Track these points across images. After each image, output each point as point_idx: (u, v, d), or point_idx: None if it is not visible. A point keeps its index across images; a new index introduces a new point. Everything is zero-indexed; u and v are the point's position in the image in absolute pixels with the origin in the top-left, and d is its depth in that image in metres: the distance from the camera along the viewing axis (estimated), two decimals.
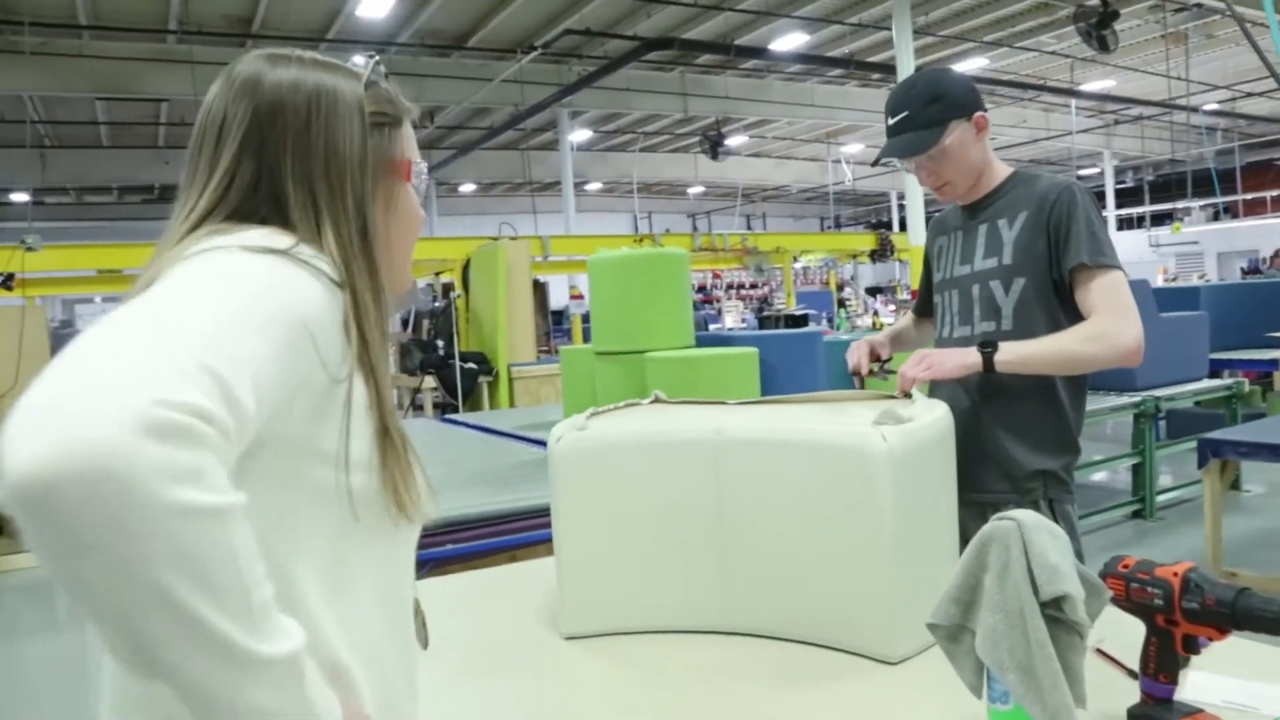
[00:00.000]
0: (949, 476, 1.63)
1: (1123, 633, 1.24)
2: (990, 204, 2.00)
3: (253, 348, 0.68)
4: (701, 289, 23.32)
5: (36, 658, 3.12)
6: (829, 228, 29.70)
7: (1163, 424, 6.28)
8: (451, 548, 3.04)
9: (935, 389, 1.94)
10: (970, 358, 1.81)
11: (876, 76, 14.80)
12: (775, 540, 1.57)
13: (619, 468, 1.67)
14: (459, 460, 4.17)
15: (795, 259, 14.16)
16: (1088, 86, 16.97)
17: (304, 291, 0.76)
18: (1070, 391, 1.94)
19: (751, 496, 1.59)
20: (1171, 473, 6.55)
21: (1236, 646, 1.30)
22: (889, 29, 11.10)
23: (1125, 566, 1.11)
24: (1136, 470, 5.80)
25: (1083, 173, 24.45)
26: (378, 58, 0.94)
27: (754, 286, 21.95)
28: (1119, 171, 25.04)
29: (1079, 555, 1.88)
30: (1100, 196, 23.22)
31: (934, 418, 1.59)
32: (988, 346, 1.80)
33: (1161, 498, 5.90)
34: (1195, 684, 1.20)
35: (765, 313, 10.88)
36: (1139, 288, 5.74)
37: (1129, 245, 25.08)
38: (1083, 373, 1.91)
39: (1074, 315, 1.87)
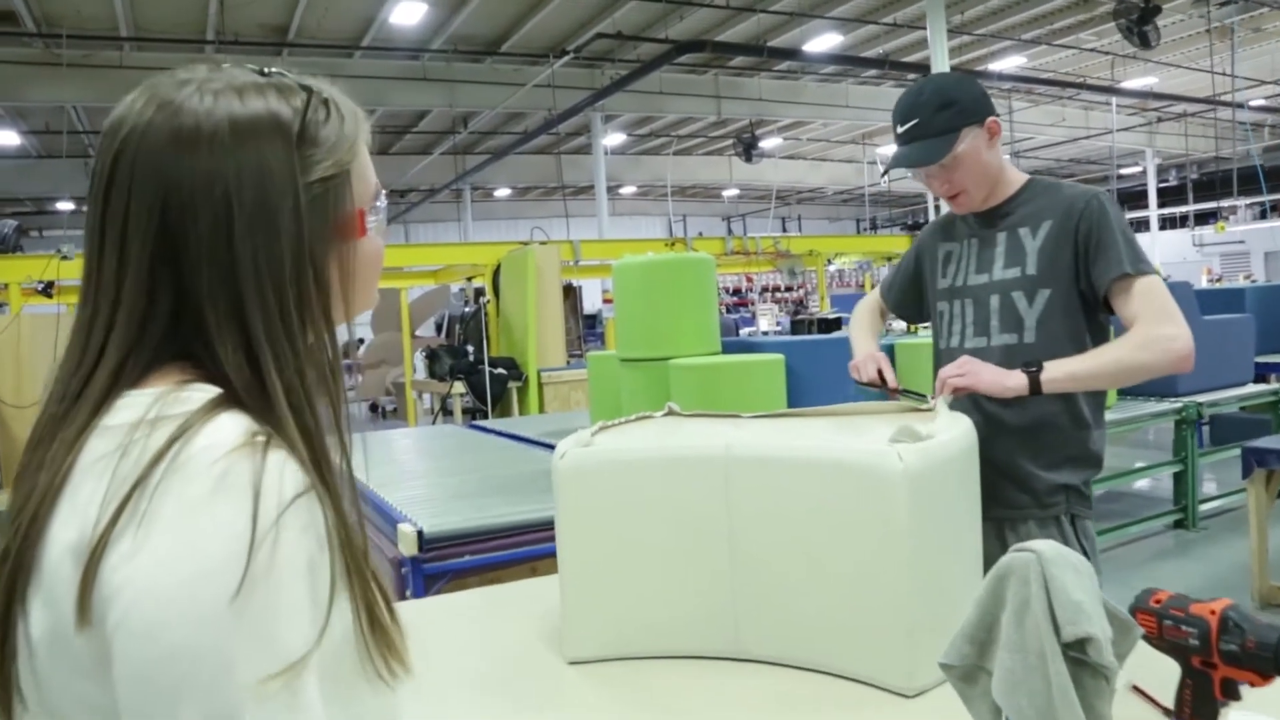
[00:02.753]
0: (972, 497, 1.54)
1: (1160, 669, 1.15)
2: (1008, 212, 1.91)
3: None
4: (736, 292, 23.20)
5: None
6: (865, 230, 29.42)
7: (1206, 430, 6.10)
8: (470, 559, 2.99)
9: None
10: (1012, 380, 1.72)
11: (912, 77, 14.58)
12: (787, 563, 1.49)
13: (626, 485, 1.60)
14: (483, 467, 4.13)
15: (829, 262, 14.01)
16: (1129, 84, 16.62)
17: (306, 520, 0.65)
18: (1091, 403, 1.86)
19: (763, 517, 1.51)
20: (1215, 481, 6.34)
21: None
22: (924, 28, 10.94)
23: (1157, 601, 1.02)
24: (1178, 479, 5.63)
25: (1124, 171, 23.99)
26: (309, 87, 0.74)
27: (789, 290, 21.77)
28: (1161, 170, 24.51)
29: (1098, 571, 1.80)
30: (1142, 196, 22.78)
31: (955, 435, 1.50)
32: (1032, 366, 1.72)
33: (1204, 507, 5.71)
34: None
35: (799, 316, 10.76)
36: (1180, 290, 5.58)
37: (1172, 245, 24.58)
38: (1135, 383, 1.83)
39: (1097, 328, 1.80)
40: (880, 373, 1.96)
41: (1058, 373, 1.71)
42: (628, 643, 1.60)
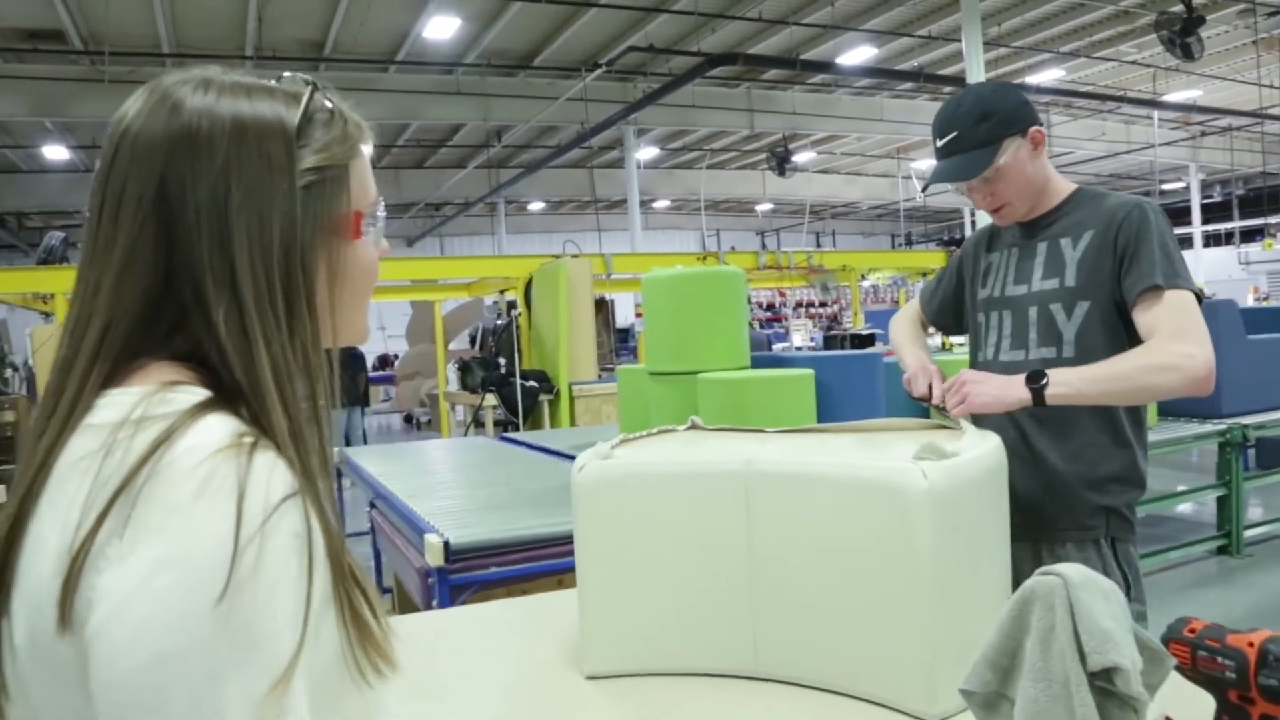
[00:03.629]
0: (1000, 517, 1.50)
1: (1196, 703, 1.10)
2: (1051, 222, 1.85)
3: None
4: (770, 307, 23.09)
5: None
6: (900, 245, 29.19)
7: (1251, 453, 5.94)
8: (496, 570, 2.98)
9: (981, 415, 1.81)
10: (1013, 393, 1.64)
11: (948, 90, 14.49)
12: (808, 582, 1.46)
13: (645, 499, 1.57)
14: (511, 480, 4.12)
15: (863, 277, 13.91)
16: (1171, 97, 16.37)
17: (292, 524, 0.64)
18: (1132, 419, 1.79)
19: (784, 534, 1.48)
20: (1261, 506, 6.18)
21: None
22: (959, 41, 10.85)
23: (1192, 631, 0.98)
24: (1222, 503, 5.48)
25: (1166, 187, 23.60)
26: (315, 83, 0.76)
27: (823, 305, 21.64)
28: (1206, 186, 24.08)
29: (1141, 600, 1.73)
30: (1185, 212, 22.36)
31: (983, 452, 1.46)
32: (1037, 379, 1.64)
33: (1249, 533, 5.56)
34: None
35: (832, 332, 10.68)
36: (1225, 308, 5.45)
37: (1217, 263, 24.11)
38: (1147, 402, 1.75)
39: (1139, 344, 1.72)
40: (931, 387, 1.85)
41: (1063, 388, 1.63)
42: (646, 659, 1.57)
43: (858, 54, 13.15)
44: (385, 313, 17.71)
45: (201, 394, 0.67)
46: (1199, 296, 1.69)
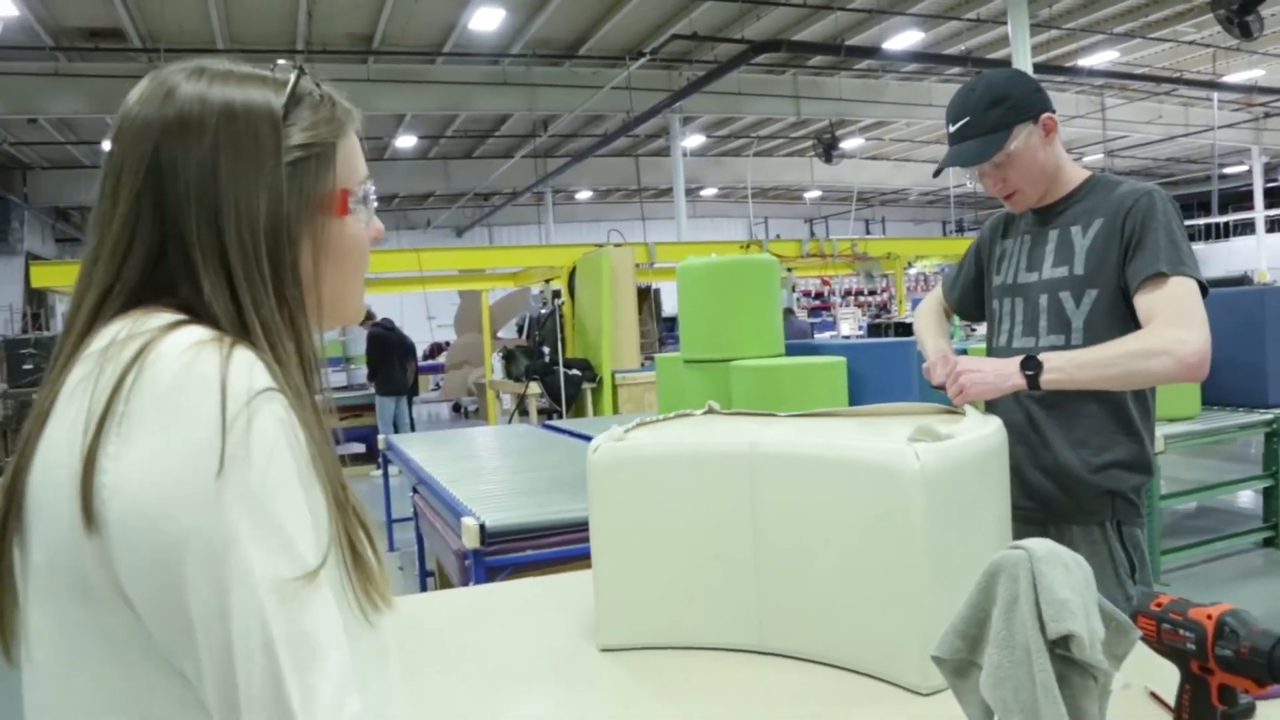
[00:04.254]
0: (998, 498, 1.54)
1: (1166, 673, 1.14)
2: (1063, 209, 1.88)
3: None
4: (818, 296, 22.95)
5: None
6: (951, 232, 28.79)
7: None
8: (531, 553, 3.06)
9: (991, 400, 1.84)
10: (1008, 380, 1.67)
11: None
12: (810, 560, 1.52)
13: (655, 480, 1.64)
14: (550, 466, 4.20)
15: (909, 265, 13.77)
16: (1232, 78, 15.92)
17: (278, 411, 0.69)
18: (1139, 404, 1.81)
19: (787, 514, 1.54)
20: None
21: None
22: (1007, 23, 10.68)
23: (1158, 605, 1.02)
24: (1268, 494, 5.38)
25: (1227, 170, 22.95)
26: (301, 66, 0.81)
27: (871, 293, 21.45)
28: (1269, 169, 23.38)
29: (1147, 582, 1.75)
30: (1247, 196, 21.74)
31: (979, 435, 1.50)
32: (1032, 365, 1.67)
33: None
34: None
35: (878, 320, 10.63)
36: (1271, 296, 5.32)
37: None
38: (1141, 387, 1.76)
39: None
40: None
41: (1056, 372, 1.65)
42: (658, 632, 1.64)
43: (904, 39, 12.99)
44: (434, 302, 17.99)
45: (182, 316, 0.72)
46: (1203, 287, 1.70)
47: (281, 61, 0.81)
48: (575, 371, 8.62)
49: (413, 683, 1.58)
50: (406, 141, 17.64)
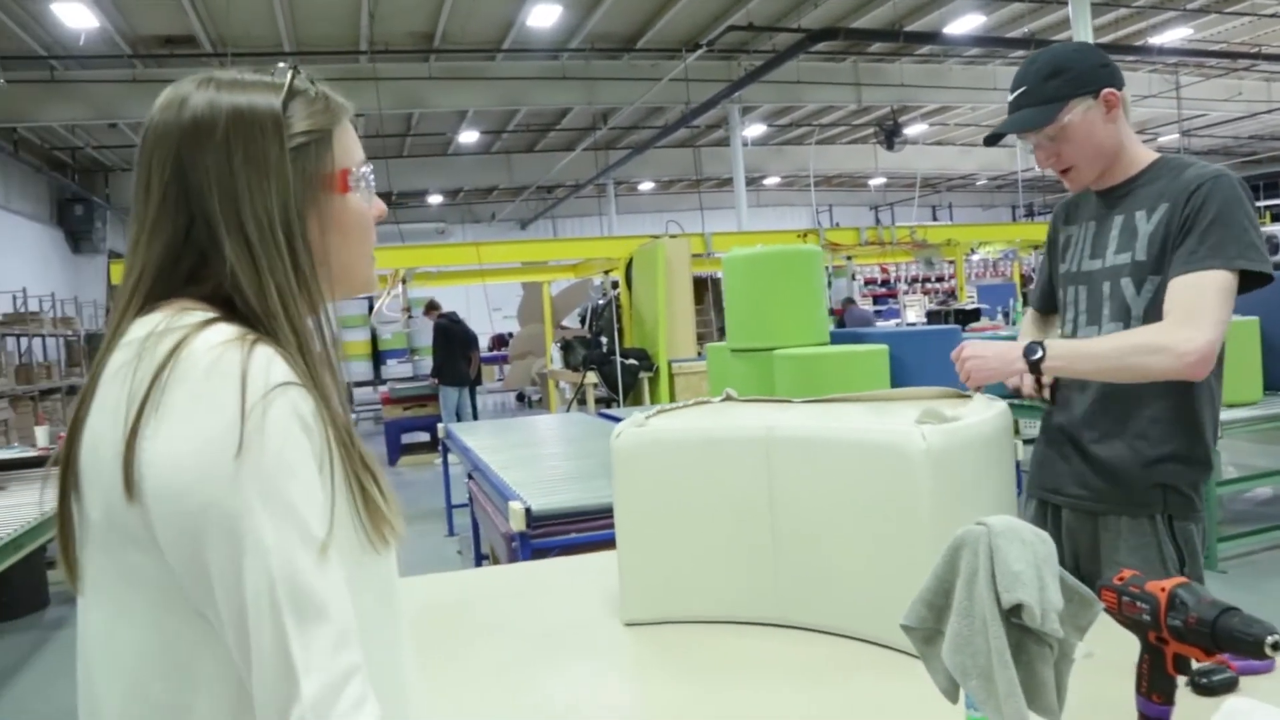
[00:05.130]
0: (1003, 478, 1.59)
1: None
2: (1127, 192, 1.80)
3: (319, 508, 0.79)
4: (884, 283, 22.68)
5: None
6: (1021, 218, 28.17)
7: None
8: (575, 536, 3.17)
9: (1062, 382, 1.79)
10: (1011, 365, 1.67)
11: None
12: (823, 537, 1.59)
13: (675, 463, 1.73)
14: (601, 453, 4.29)
15: (971, 251, 13.55)
16: None
17: (292, 401, 0.79)
18: (1207, 397, 1.73)
19: (801, 494, 1.62)
20: None
21: None
22: (1068, 2, 10.45)
23: (1120, 579, 1.07)
24: None
25: None
26: (296, 66, 0.92)
27: (939, 280, 21.14)
28: None
29: (1199, 579, 1.69)
30: None
31: (984, 417, 1.56)
32: (1034, 351, 1.66)
33: None
34: (1234, 710, 1.14)
35: (939, 307, 10.52)
36: None
37: None
38: (1140, 381, 1.69)
39: None
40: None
41: (1057, 360, 1.65)
42: (678, 608, 1.73)
43: (965, 22, 12.77)
44: (497, 294, 18.29)
45: (213, 314, 0.84)
46: (1260, 275, 1.62)
47: (280, 65, 0.93)
48: (632, 361, 8.72)
49: (447, 652, 1.70)
50: (469, 136, 17.92)
